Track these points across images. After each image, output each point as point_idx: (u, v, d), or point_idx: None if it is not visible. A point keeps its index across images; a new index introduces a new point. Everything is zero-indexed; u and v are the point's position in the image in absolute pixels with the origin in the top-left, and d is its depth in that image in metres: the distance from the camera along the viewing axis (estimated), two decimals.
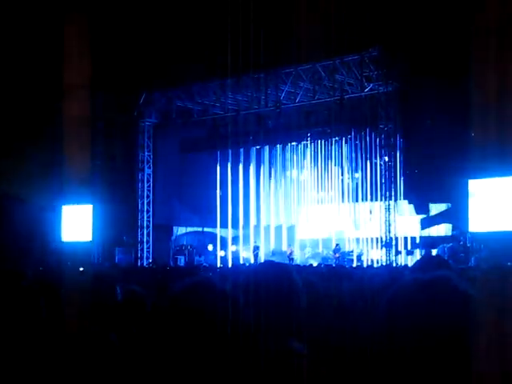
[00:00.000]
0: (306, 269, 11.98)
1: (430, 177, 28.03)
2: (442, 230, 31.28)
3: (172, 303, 2.11)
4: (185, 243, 35.04)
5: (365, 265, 28.84)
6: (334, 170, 35.16)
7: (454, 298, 1.85)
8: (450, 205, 30.21)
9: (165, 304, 2.11)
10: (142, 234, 33.29)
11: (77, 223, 32.93)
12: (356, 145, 33.33)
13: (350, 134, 32.12)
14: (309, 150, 35.67)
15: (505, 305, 2.18)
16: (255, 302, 2.39)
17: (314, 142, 34.67)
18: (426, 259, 4.62)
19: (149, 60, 28.74)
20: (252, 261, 32.24)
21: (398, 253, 27.73)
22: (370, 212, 31.54)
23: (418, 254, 28.44)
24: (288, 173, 36.83)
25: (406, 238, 30.41)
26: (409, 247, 30.14)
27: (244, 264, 29.56)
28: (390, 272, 6.69)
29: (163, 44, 27.86)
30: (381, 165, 28.27)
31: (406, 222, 30.93)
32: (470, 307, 1.83)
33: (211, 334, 2.05)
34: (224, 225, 35.40)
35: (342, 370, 2.19)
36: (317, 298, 3.44)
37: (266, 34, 22.90)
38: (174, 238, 34.91)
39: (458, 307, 1.82)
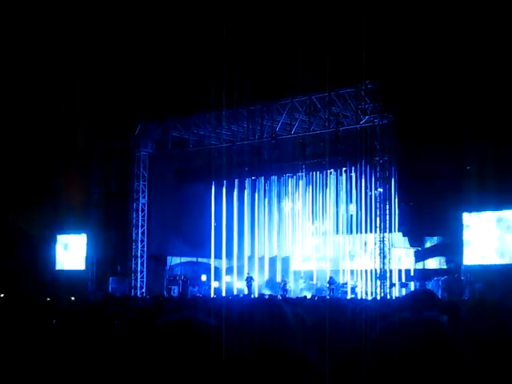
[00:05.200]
0: (299, 301, 11.94)
1: (425, 210, 28.08)
2: (437, 262, 31.26)
3: (156, 338, 2.11)
4: (179, 273, 34.90)
5: (359, 297, 28.75)
6: (329, 201, 35.16)
7: (439, 341, 1.86)
8: (444, 238, 30.22)
9: (149, 338, 2.10)
10: (136, 264, 33.18)
11: (71, 252, 33.03)
12: (351, 177, 33.36)
13: (346, 166, 32.14)
14: (304, 181, 35.69)
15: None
16: (244, 337, 2.39)
17: (309, 174, 34.69)
18: (415, 296, 4.60)
19: (145, 91, 28.86)
20: (246, 291, 32.11)
21: (392, 285, 27.66)
22: (365, 244, 31.50)
23: (412, 287, 28.39)
24: (283, 204, 36.83)
25: (400, 271, 30.35)
26: (403, 280, 30.07)
27: (238, 295, 29.46)
28: (382, 305, 6.68)
29: (160, 75, 28.01)
30: (376, 197, 28.27)
31: (401, 254, 30.90)
32: (455, 352, 1.84)
33: (192, 371, 2.04)
34: (218, 255, 35.30)
35: None
36: (307, 331, 3.43)
37: (263, 66, 23.06)
38: (167, 268, 34.79)
39: (442, 350, 1.83)
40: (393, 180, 28.41)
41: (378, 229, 27.69)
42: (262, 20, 23.85)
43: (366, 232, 32.07)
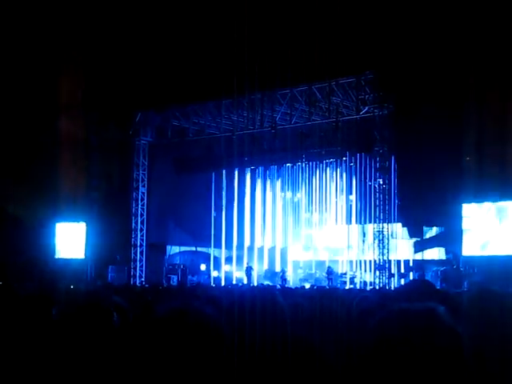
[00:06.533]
0: (297, 291, 11.95)
1: (424, 200, 28.06)
2: (436, 253, 31.29)
3: (155, 327, 2.11)
4: (178, 262, 34.94)
5: (358, 287, 28.80)
6: (329, 191, 35.18)
7: (437, 332, 1.86)
8: (443, 228, 30.23)
9: (148, 327, 2.10)
10: (136, 253, 33.21)
11: (70, 241, 33.05)
12: (351, 167, 33.38)
13: (345, 156, 32.12)
14: (303, 171, 35.69)
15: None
16: (240, 325, 2.39)
17: (308, 164, 34.68)
18: (413, 286, 4.60)
19: (145, 79, 28.80)
20: (245, 281, 32.18)
21: (391, 276, 27.69)
22: (364, 234, 31.51)
23: (411, 278, 28.44)
24: (282, 194, 36.83)
25: (399, 261, 30.38)
26: (402, 270, 30.10)
27: (237, 284, 29.55)
28: (380, 295, 6.68)
29: (160, 64, 27.95)
30: (375, 187, 28.26)
31: (400, 245, 30.93)
32: (453, 343, 1.84)
33: (191, 360, 2.04)
34: (218, 245, 35.36)
35: None
36: (304, 321, 3.44)
37: (263, 55, 23.01)
38: (167, 257, 34.82)
39: (441, 341, 1.83)
40: (392, 170, 28.42)
41: (377, 219, 27.70)
42: (262, 9, 23.78)
43: (365, 222, 32.11)
